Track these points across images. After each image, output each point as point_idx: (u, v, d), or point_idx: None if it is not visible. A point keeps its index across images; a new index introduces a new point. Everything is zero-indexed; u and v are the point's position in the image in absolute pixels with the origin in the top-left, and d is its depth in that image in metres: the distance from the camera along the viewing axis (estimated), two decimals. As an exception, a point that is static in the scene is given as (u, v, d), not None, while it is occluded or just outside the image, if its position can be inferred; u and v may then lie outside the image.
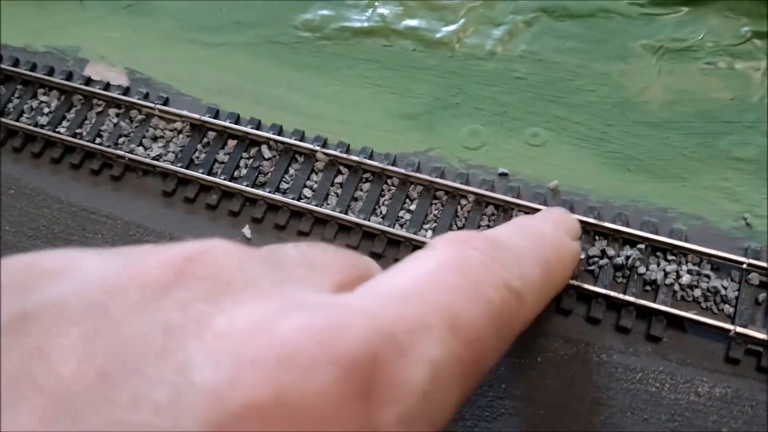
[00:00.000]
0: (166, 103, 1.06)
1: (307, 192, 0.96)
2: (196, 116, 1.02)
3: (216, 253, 0.24)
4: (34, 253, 0.25)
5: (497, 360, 0.31)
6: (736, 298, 0.81)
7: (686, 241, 0.85)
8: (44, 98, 1.11)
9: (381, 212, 0.93)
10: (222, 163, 1.00)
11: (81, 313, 0.20)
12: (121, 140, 1.05)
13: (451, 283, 0.27)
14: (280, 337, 0.21)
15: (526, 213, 0.89)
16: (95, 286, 0.21)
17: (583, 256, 0.87)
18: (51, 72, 1.13)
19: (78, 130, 1.07)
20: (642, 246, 0.85)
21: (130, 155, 1.02)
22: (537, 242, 0.38)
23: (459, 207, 0.92)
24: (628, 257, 0.84)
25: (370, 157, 0.96)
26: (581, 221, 0.87)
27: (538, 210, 0.88)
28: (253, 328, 0.21)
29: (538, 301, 0.34)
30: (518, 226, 0.40)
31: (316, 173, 0.97)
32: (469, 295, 0.27)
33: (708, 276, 0.83)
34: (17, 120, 1.09)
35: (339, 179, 0.96)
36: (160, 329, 0.20)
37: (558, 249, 0.40)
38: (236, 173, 0.99)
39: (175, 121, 1.04)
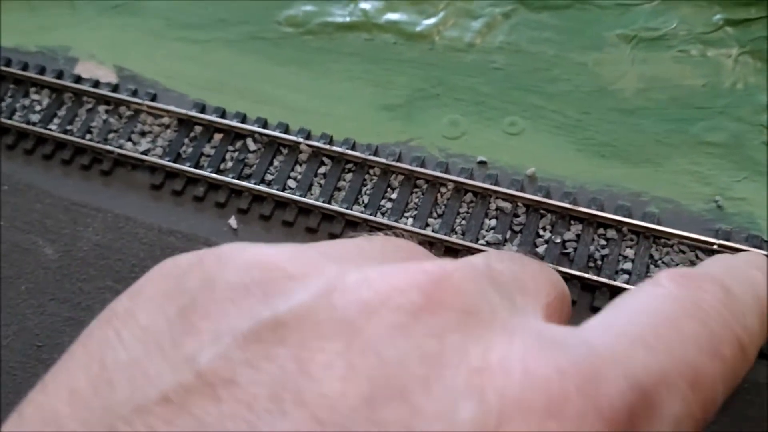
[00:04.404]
0: (153, 99, 1.09)
1: (291, 183, 0.98)
2: (183, 111, 1.05)
3: (458, 278, 0.23)
4: (263, 248, 0.23)
5: None
6: (707, 278, 0.83)
7: (659, 224, 0.87)
8: (36, 96, 1.14)
9: (363, 201, 0.96)
10: (208, 156, 1.03)
11: (334, 328, 0.20)
12: (110, 136, 1.07)
13: (693, 335, 0.26)
14: (541, 379, 0.21)
15: (504, 200, 0.92)
16: (346, 301, 0.21)
17: (558, 241, 0.89)
18: (42, 71, 1.15)
19: (69, 127, 1.09)
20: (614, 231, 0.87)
21: (119, 150, 1.04)
22: (754, 291, 0.35)
23: (439, 195, 0.94)
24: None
25: (353, 148, 0.99)
26: (558, 206, 0.90)
27: (515, 196, 0.91)
28: (511, 364, 0.21)
29: (755, 356, 0.33)
30: (730, 269, 0.38)
31: (300, 164, 1.00)
32: (709, 350, 0.26)
33: (684, 254, 0.85)
34: (10, 118, 1.12)
35: (322, 170, 0.99)
36: (416, 356, 0.21)
37: None
38: (222, 166, 1.02)
39: (162, 117, 1.07)
